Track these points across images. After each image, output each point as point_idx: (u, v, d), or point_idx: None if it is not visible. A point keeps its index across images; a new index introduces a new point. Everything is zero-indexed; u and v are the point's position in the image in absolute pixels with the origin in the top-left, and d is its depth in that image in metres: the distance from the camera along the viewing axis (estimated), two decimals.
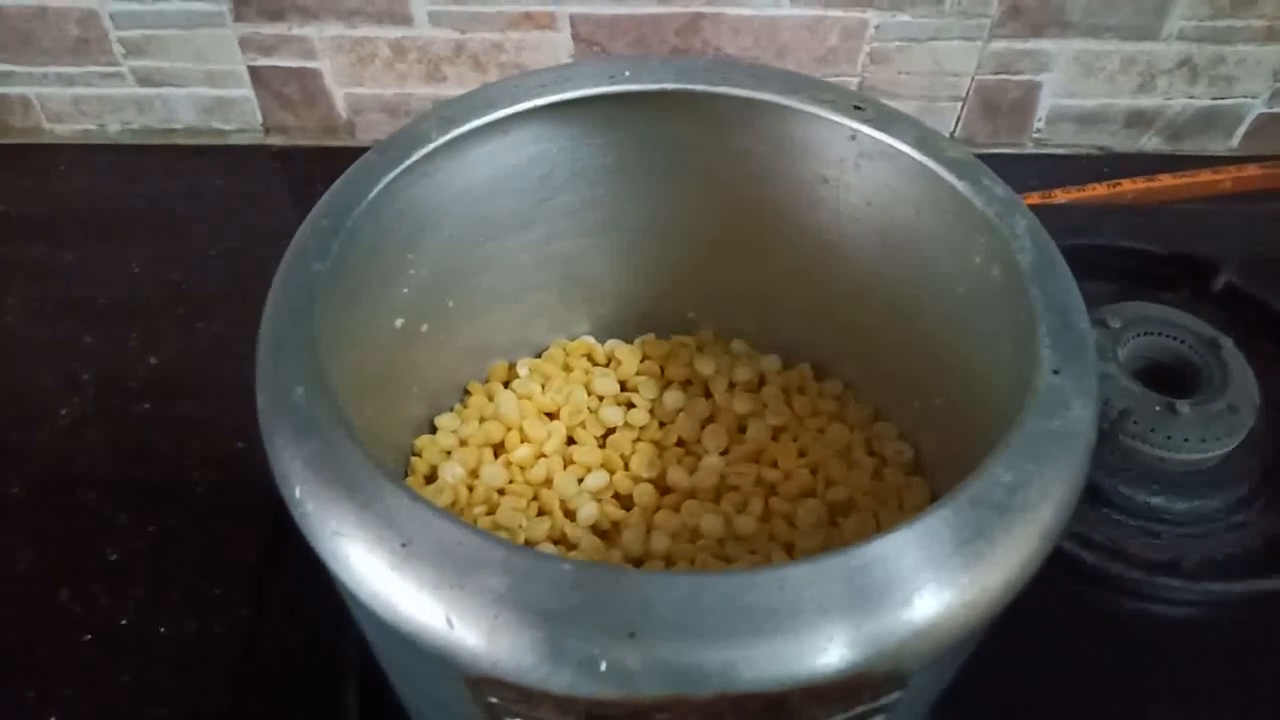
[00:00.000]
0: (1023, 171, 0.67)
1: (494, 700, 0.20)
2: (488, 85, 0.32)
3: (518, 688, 0.20)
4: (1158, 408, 0.45)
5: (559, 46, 0.64)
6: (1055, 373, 0.24)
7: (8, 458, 0.50)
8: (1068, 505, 0.23)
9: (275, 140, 0.70)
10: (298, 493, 0.22)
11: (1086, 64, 0.65)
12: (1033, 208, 0.61)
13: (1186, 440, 0.45)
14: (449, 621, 0.20)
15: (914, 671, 0.21)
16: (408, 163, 0.29)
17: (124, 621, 0.44)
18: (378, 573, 0.21)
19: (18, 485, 0.50)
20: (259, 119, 0.69)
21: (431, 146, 0.29)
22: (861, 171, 0.33)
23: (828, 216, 0.35)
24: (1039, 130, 0.68)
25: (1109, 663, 0.42)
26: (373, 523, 0.21)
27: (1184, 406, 0.45)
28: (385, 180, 0.28)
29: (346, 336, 0.31)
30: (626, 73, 0.32)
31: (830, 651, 0.19)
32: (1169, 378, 0.47)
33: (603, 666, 0.19)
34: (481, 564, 0.20)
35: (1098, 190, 0.63)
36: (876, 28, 0.63)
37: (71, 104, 0.67)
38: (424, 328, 0.35)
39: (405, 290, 0.33)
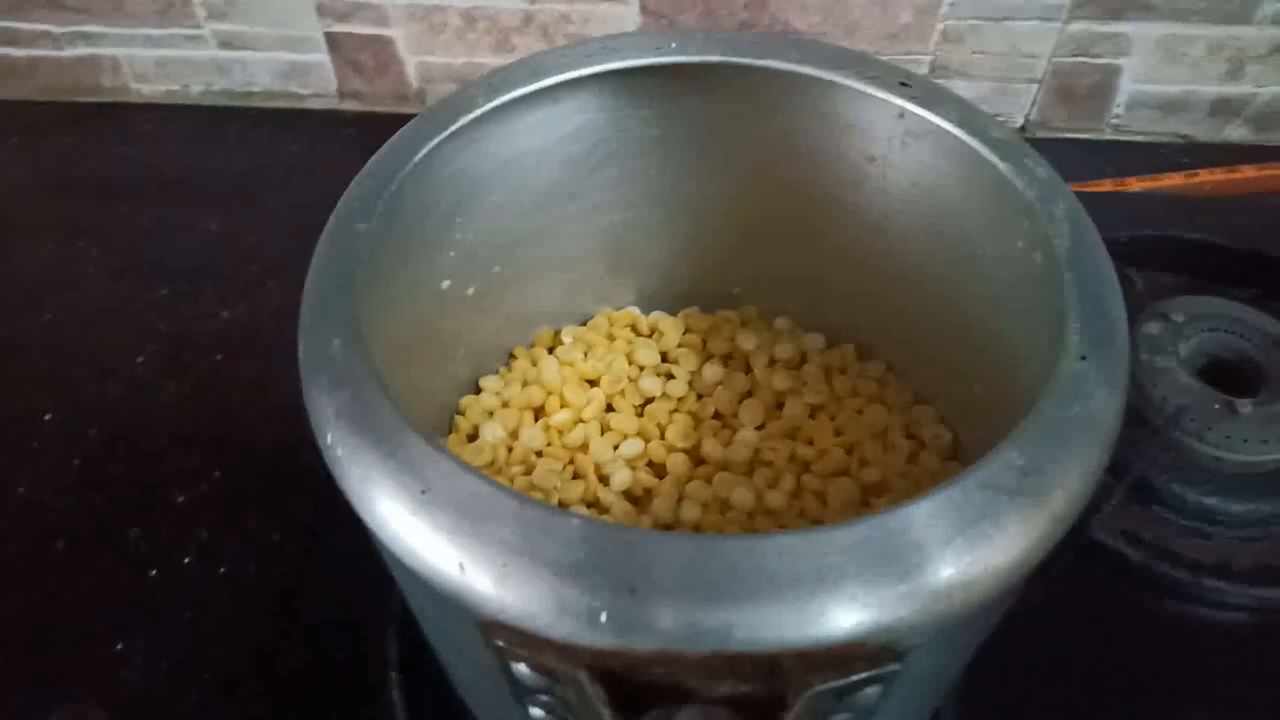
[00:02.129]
0: (1098, 158, 0.65)
1: (501, 644, 0.21)
2: (535, 54, 0.32)
3: (523, 633, 0.21)
4: (1217, 406, 0.44)
5: (626, 19, 0.64)
6: (1082, 359, 0.24)
7: (85, 406, 0.53)
8: (1083, 494, 0.23)
9: (349, 106, 0.72)
10: (329, 439, 0.23)
11: (1170, 49, 0.62)
12: (1104, 196, 0.61)
13: (1246, 441, 0.43)
14: (461, 566, 0.21)
15: (911, 646, 0.21)
16: (453, 128, 0.30)
17: (186, 561, 0.47)
18: (398, 516, 0.22)
19: (95, 429, 0.52)
20: (334, 85, 0.71)
21: (477, 113, 0.30)
22: (908, 151, 0.33)
23: (874, 196, 0.35)
24: (1117, 116, 0.66)
25: (1148, 663, 0.41)
26: (395, 470, 0.22)
27: (1245, 406, 0.44)
28: (430, 145, 0.29)
29: (393, 295, 0.32)
30: (673, 44, 0.32)
31: (824, 620, 0.20)
32: (1232, 376, 0.46)
33: (603, 618, 0.20)
34: (494, 514, 0.21)
35: (1174, 180, 0.61)
36: (951, 5, 0.62)
37: (156, 65, 0.70)
38: (470, 291, 0.36)
39: (452, 254, 0.34)
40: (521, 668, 0.21)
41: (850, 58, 0.32)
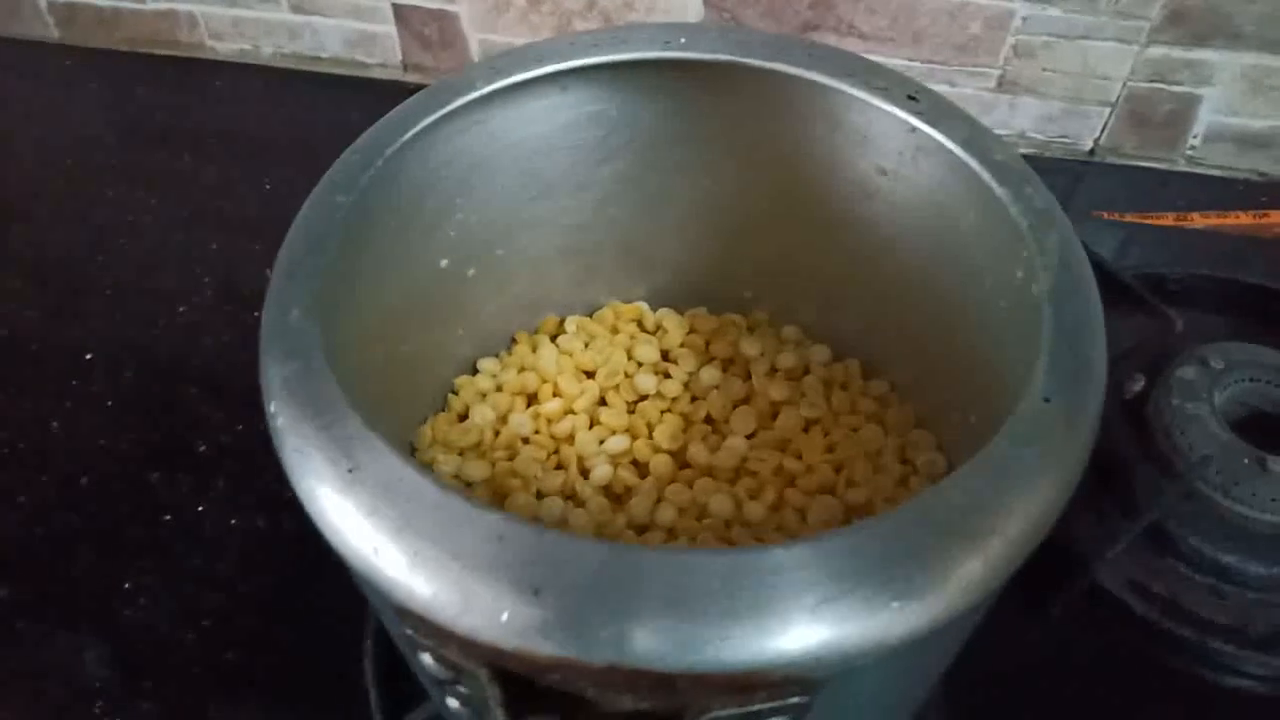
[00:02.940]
0: (1167, 189, 0.62)
1: (409, 631, 0.21)
2: (544, 40, 0.32)
3: (429, 623, 0.21)
4: (1246, 460, 0.42)
5: (689, 9, 0.63)
6: (1046, 400, 0.23)
7: (125, 349, 0.55)
8: (1026, 541, 0.21)
9: (413, 78, 0.73)
10: (272, 407, 0.23)
11: (1256, 80, 0.59)
12: (1164, 229, 0.58)
13: (1274, 500, 0.41)
14: (375, 549, 0.21)
15: (821, 680, 0.20)
16: (449, 108, 0.30)
17: (200, 509, 0.48)
18: (325, 492, 0.22)
19: (131, 370, 0.54)
20: (399, 56, 0.71)
21: (476, 94, 0.30)
22: (919, 166, 0.32)
23: (885, 209, 0.34)
24: (1193, 147, 0.63)
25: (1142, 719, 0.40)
26: (328, 445, 0.22)
27: (1277, 464, 0.41)
28: (423, 123, 0.29)
29: (389, 268, 0.33)
30: (682, 39, 0.32)
31: (724, 643, 0.19)
32: (1268, 431, 0.43)
33: (504, 617, 0.20)
34: (414, 500, 0.21)
35: (1242, 219, 0.58)
36: (1024, 19, 0.59)
37: (231, 24, 0.72)
38: (470, 272, 0.36)
39: (452, 234, 0.34)
40: (427, 657, 0.21)
41: (860, 66, 0.31)
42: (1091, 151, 0.65)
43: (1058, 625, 0.41)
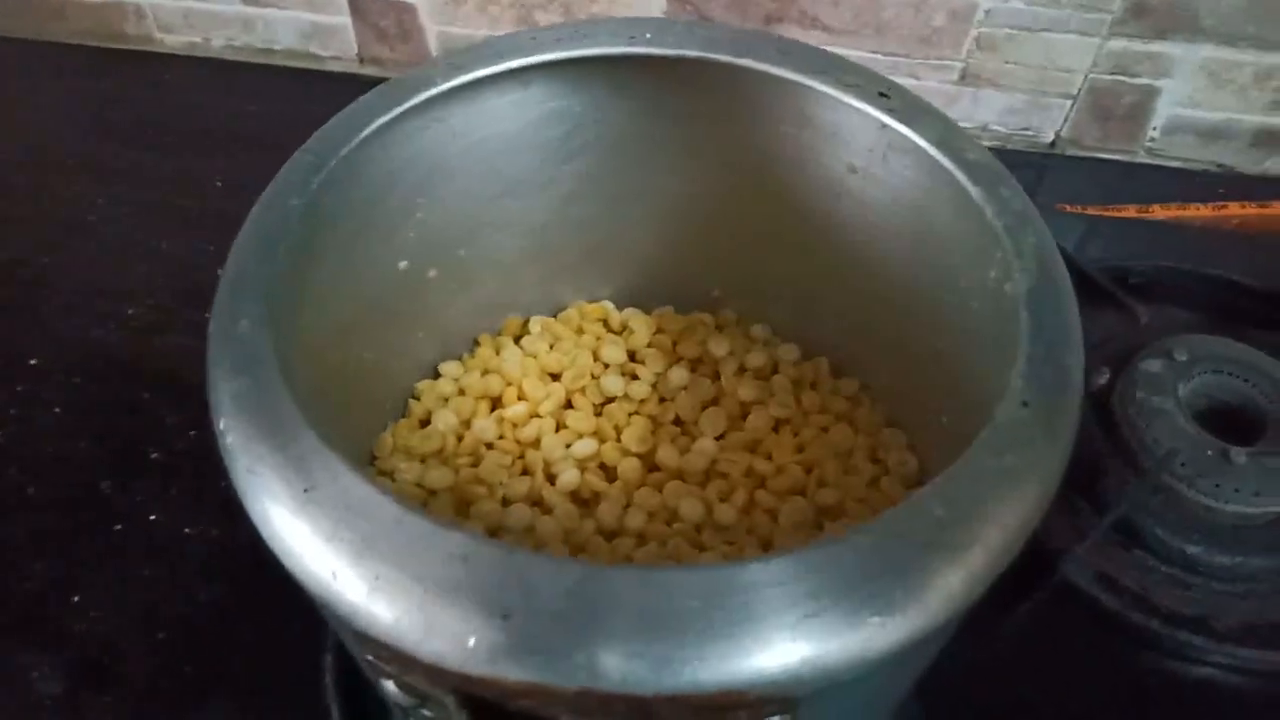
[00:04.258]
0: (1128, 181, 0.63)
1: (370, 658, 0.20)
2: (505, 35, 0.31)
3: (391, 650, 0.20)
4: (1210, 452, 0.42)
5: (652, 3, 0.62)
6: (1024, 405, 0.22)
7: (76, 351, 0.53)
8: (1006, 550, 0.21)
9: (369, 71, 0.71)
10: (222, 425, 0.22)
11: (1215, 73, 0.59)
12: (1127, 221, 0.58)
13: (1237, 491, 0.41)
14: (334, 574, 0.20)
15: (800, 699, 0.20)
16: (406, 106, 0.29)
17: (153, 517, 0.47)
18: (279, 514, 0.21)
19: (80, 375, 0.52)
20: (355, 49, 0.70)
21: (434, 91, 0.29)
22: (890, 165, 0.31)
23: (855, 209, 0.34)
24: (1153, 140, 0.63)
25: (1114, 713, 0.40)
26: (282, 465, 0.21)
27: (1240, 455, 0.41)
28: (379, 122, 0.28)
29: (345, 273, 0.32)
30: (648, 35, 0.31)
31: (698, 666, 0.19)
32: (1232, 422, 0.44)
33: (471, 643, 0.19)
34: (374, 520, 0.20)
35: (1201, 211, 0.58)
36: (987, 12, 0.59)
37: (181, 17, 0.70)
38: (431, 274, 0.35)
39: (412, 234, 0.33)
40: (390, 684, 0.20)
41: (831, 63, 0.30)
42: (1053, 144, 0.65)
43: (1027, 621, 0.41)
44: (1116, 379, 0.45)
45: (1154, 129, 0.63)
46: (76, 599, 0.44)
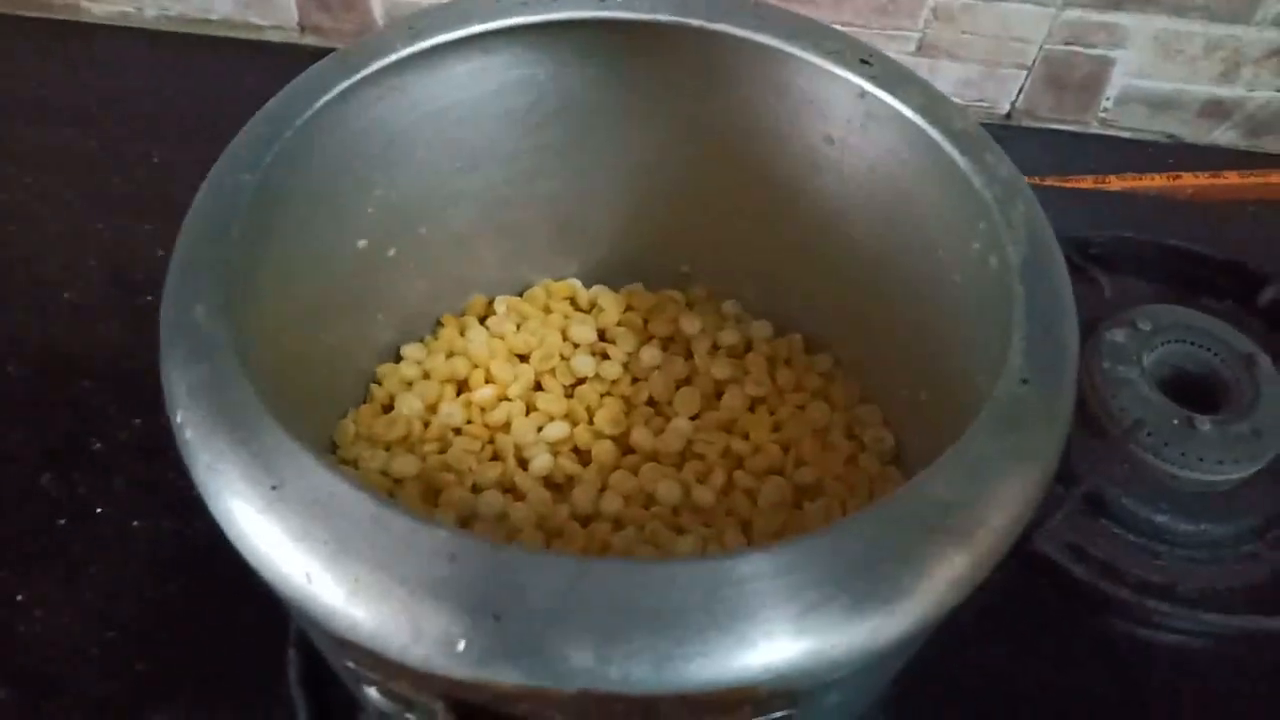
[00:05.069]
0: (1083, 152, 0.63)
1: (351, 665, 0.19)
2: None
3: (374, 655, 0.18)
4: (1175, 421, 0.42)
5: None
6: (1024, 382, 0.22)
7: (8, 340, 0.50)
8: (1011, 533, 0.20)
9: (310, 41, 0.68)
10: (179, 418, 0.20)
11: (1166, 44, 0.60)
12: (1084, 192, 0.58)
13: (1202, 459, 0.41)
14: (308, 576, 0.19)
15: (805, 691, 0.19)
16: (363, 74, 0.27)
17: (99, 510, 0.44)
18: (245, 513, 0.19)
19: (14, 365, 0.50)
20: (295, 17, 0.67)
21: (394, 58, 0.27)
22: (868, 134, 0.30)
23: (832, 181, 0.33)
24: (1106, 110, 0.64)
25: (1087, 683, 0.40)
26: (247, 461, 0.20)
27: (1204, 423, 0.42)
28: (335, 91, 0.26)
29: (301, 253, 0.30)
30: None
31: (702, 663, 0.18)
32: (1195, 391, 0.44)
33: (461, 646, 0.18)
34: (350, 518, 0.19)
35: (1155, 181, 0.58)
36: None
37: None
38: (391, 252, 0.34)
39: (370, 211, 0.32)
40: (373, 691, 0.19)
41: (810, 29, 0.29)
42: (1009, 115, 0.65)
43: (997, 592, 0.41)
44: (1082, 349, 0.45)
45: (1107, 100, 0.63)
46: (20, 598, 0.42)
